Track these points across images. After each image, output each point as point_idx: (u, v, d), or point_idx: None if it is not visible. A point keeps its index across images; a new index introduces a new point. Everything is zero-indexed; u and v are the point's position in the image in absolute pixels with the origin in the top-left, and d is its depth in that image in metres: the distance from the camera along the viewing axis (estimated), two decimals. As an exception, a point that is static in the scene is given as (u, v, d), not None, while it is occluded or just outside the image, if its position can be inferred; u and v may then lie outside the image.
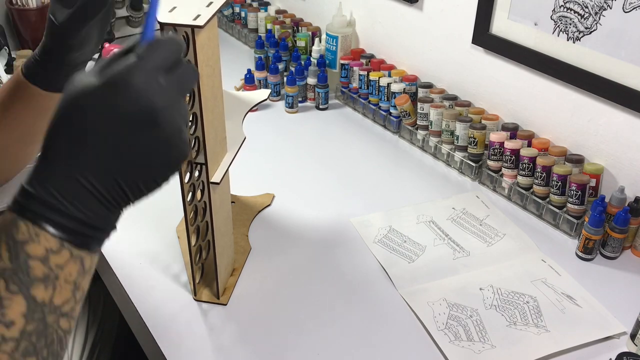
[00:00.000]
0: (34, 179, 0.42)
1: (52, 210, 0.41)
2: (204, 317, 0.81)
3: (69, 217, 0.41)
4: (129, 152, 0.42)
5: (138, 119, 0.42)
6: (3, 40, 1.46)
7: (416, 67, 1.27)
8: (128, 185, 0.43)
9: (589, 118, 0.98)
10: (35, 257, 0.40)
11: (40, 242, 0.41)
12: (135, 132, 0.42)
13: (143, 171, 0.43)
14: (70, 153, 0.41)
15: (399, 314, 0.82)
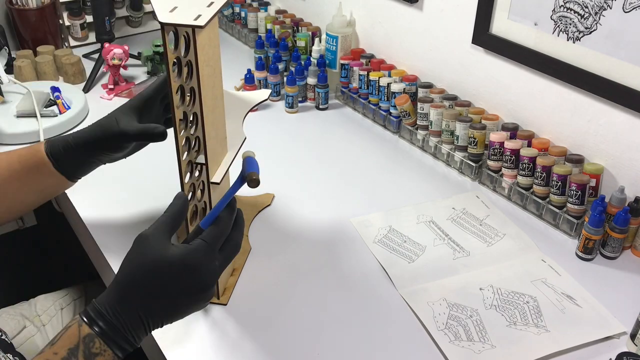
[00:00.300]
0: (111, 308, 0.60)
1: (119, 336, 0.60)
2: (204, 317, 0.81)
3: (126, 342, 0.61)
4: (182, 309, 0.64)
5: (196, 291, 0.63)
6: (3, 40, 1.46)
7: (416, 67, 1.27)
8: (166, 324, 0.64)
9: (589, 118, 0.98)
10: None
11: (105, 356, 0.60)
12: (191, 299, 0.63)
13: (181, 317, 0.65)
14: (143, 301, 0.61)
15: (399, 314, 0.82)
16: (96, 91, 1.39)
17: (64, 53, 1.41)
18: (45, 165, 0.80)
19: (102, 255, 0.90)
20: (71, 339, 0.59)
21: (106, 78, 1.43)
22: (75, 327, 0.60)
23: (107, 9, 1.46)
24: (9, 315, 1.00)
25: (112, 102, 1.35)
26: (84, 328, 0.59)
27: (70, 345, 0.58)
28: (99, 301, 0.61)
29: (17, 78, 1.36)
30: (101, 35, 1.46)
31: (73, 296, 1.05)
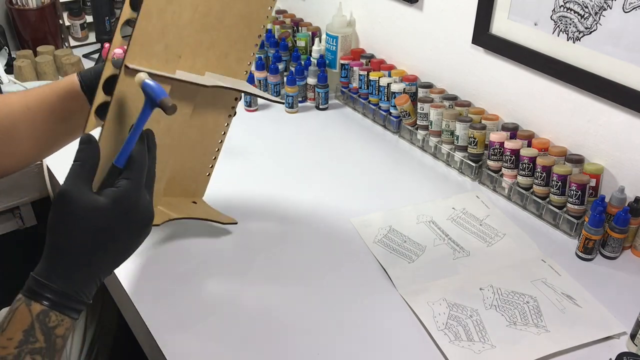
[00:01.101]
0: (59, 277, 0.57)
1: (71, 300, 0.58)
2: (204, 316, 0.81)
3: (80, 303, 0.59)
4: (128, 251, 0.63)
5: (140, 229, 0.62)
6: (3, 40, 1.46)
7: (416, 67, 1.27)
8: (117, 268, 0.63)
9: (589, 118, 0.98)
10: (59, 335, 0.57)
11: (63, 325, 0.58)
12: (135, 238, 0.62)
13: (128, 257, 0.63)
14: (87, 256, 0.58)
15: (399, 314, 0.82)
16: (96, 91, 1.39)
17: (64, 53, 1.41)
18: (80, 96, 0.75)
19: (102, 255, 0.90)
20: (23, 320, 0.56)
21: (106, 78, 1.42)
22: (23, 308, 0.57)
23: (107, 9, 1.46)
24: None
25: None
26: (34, 307, 0.57)
27: (24, 327, 0.56)
28: (39, 274, 0.58)
29: (17, 78, 1.36)
30: (101, 35, 1.46)
31: None
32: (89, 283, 0.59)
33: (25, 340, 0.55)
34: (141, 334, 0.83)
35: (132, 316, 0.84)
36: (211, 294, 0.85)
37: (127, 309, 0.85)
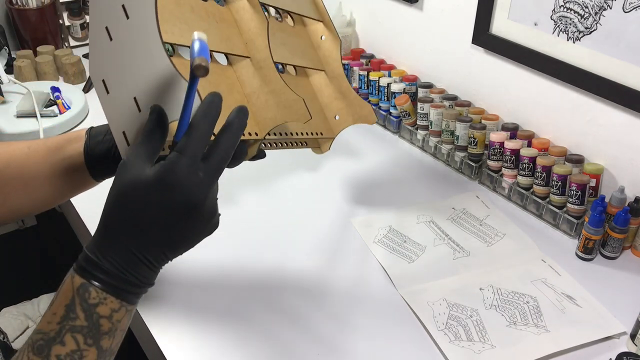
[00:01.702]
0: (99, 251, 0.53)
1: (116, 278, 0.53)
2: (205, 316, 0.81)
3: (128, 284, 0.53)
4: (175, 233, 0.54)
5: (184, 210, 0.53)
6: (3, 40, 1.46)
7: (416, 67, 1.27)
8: (172, 254, 0.56)
9: (589, 118, 0.98)
10: (103, 316, 0.52)
11: (107, 304, 0.52)
12: (181, 220, 0.54)
13: (185, 244, 0.56)
14: (129, 233, 0.53)
15: (399, 314, 0.82)
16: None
17: (64, 53, 1.41)
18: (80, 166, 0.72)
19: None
20: (66, 294, 0.52)
21: (106, 78, 1.43)
22: (68, 281, 0.53)
23: (107, 9, 1.46)
24: (12, 315, 1.00)
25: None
26: (76, 279, 0.52)
27: (67, 301, 0.52)
28: (88, 247, 0.54)
29: (17, 78, 1.36)
30: (101, 35, 1.46)
31: None
32: (132, 262, 0.53)
33: (67, 315, 0.51)
34: (141, 334, 0.83)
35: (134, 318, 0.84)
36: (211, 294, 0.85)
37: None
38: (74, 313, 0.51)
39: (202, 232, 0.57)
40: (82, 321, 0.51)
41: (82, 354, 0.50)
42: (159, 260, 0.55)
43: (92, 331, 0.51)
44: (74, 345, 0.50)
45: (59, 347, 0.50)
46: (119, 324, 0.53)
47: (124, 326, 0.54)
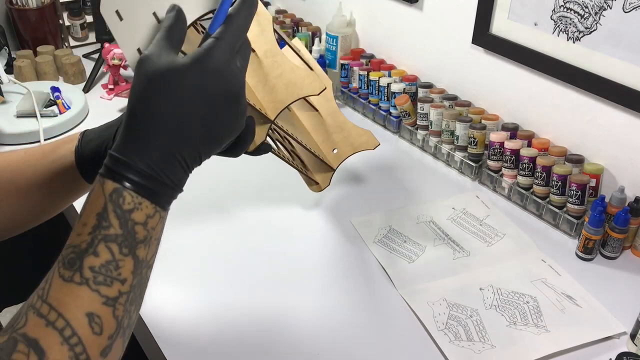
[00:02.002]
0: (130, 152, 0.47)
1: (151, 180, 0.48)
2: (205, 316, 0.81)
3: (163, 185, 0.48)
4: (212, 127, 0.50)
5: (223, 101, 0.49)
6: (3, 40, 1.46)
7: (416, 67, 1.27)
8: (205, 155, 0.51)
9: (589, 118, 0.98)
10: (139, 222, 0.47)
11: (142, 210, 0.47)
12: (219, 112, 0.50)
13: (218, 141, 0.52)
14: (162, 129, 0.48)
15: (399, 314, 0.82)
16: (96, 91, 1.39)
17: (64, 53, 1.41)
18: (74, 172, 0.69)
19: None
20: (96, 202, 0.47)
21: (106, 78, 1.43)
22: (97, 188, 0.48)
23: (107, 9, 1.46)
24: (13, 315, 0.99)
25: (112, 102, 1.35)
26: (107, 185, 0.47)
27: (98, 210, 0.47)
28: (115, 149, 0.49)
29: (17, 78, 1.36)
30: (101, 35, 1.46)
31: None
32: (168, 161, 0.49)
33: (99, 224, 0.46)
34: (141, 334, 0.83)
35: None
36: (211, 293, 0.85)
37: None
38: (107, 221, 0.46)
39: (235, 129, 0.53)
40: (117, 229, 0.46)
41: (117, 264, 0.46)
42: (193, 159, 0.51)
43: (128, 240, 0.47)
44: (108, 256, 0.45)
45: (92, 258, 0.45)
46: (154, 231, 0.49)
47: (157, 234, 0.50)
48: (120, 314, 0.46)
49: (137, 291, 0.48)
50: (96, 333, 0.44)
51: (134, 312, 0.48)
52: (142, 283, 0.48)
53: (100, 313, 0.44)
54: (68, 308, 0.44)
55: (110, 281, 0.45)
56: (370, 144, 0.93)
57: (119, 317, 0.46)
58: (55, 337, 0.43)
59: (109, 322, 0.45)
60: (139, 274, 0.47)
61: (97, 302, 0.45)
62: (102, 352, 0.44)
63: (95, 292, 0.45)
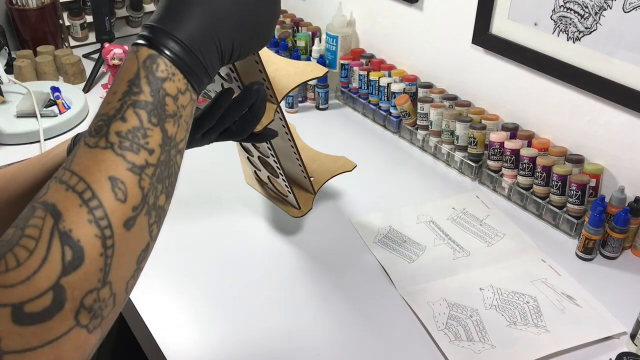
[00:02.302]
0: (170, 21, 0.46)
1: (188, 54, 0.46)
2: (205, 316, 0.81)
3: (198, 63, 0.47)
4: (249, 14, 0.50)
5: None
6: (3, 40, 1.45)
7: (416, 67, 1.27)
8: (238, 47, 0.51)
9: (589, 118, 0.98)
10: (170, 94, 0.45)
11: (174, 82, 0.45)
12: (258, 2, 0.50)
13: (252, 33, 0.51)
14: (203, 8, 0.47)
15: (399, 314, 0.82)
16: (96, 91, 1.39)
17: (64, 53, 1.41)
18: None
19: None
20: (129, 69, 0.45)
21: (106, 78, 1.43)
22: (131, 57, 0.46)
23: (107, 9, 1.46)
24: None
25: (112, 102, 1.34)
26: (141, 52, 0.45)
27: (130, 77, 0.45)
28: (150, 21, 0.47)
29: (17, 78, 1.36)
30: (101, 35, 1.46)
31: None
32: (206, 39, 0.48)
33: (129, 90, 0.44)
34: (142, 335, 0.83)
35: (133, 317, 0.84)
36: (211, 293, 0.85)
37: (128, 309, 0.85)
38: (138, 87, 0.44)
39: (273, 19, 0.53)
40: (147, 96, 0.44)
41: (145, 132, 0.43)
42: (227, 46, 0.49)
43: (157, 109, 0.44)
44: (136, 122, 0.43)
45: (120, 123, 0.43)
46: (184, 110, 0.46)
47: (187, 117, 0.47)
48: (146, 185, 0.43)
49: (165, 171, 0.45)
50: (119, 200, 0.41)
51: (161, 196, 0.45)
52: (170, 165, 0.46)
53: (124, 179, 0.42)
54: (90, 172, 0.41)
55: (137, 148, 0.43)
56: (347, 166, 0.96)
57: (144, 189, 0.43)
58: (74, 200, 0.40)
59: (133, 191, 0.42)
60: (167, 150, 0.45)
61: (121, 167, 0.42)
62: (125, 222, 0.41)
63: (120, 156, 0.42)
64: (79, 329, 0.39)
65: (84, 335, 0.39)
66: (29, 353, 0.37)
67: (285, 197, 0.89)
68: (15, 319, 0.37)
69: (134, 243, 0.42)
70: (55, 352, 0.38)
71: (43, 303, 0.37)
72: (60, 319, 0.38)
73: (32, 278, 0.37)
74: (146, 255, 0.45)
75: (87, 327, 0.39)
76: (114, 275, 0.41)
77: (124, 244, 0.41)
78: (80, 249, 0.39)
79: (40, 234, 0.38)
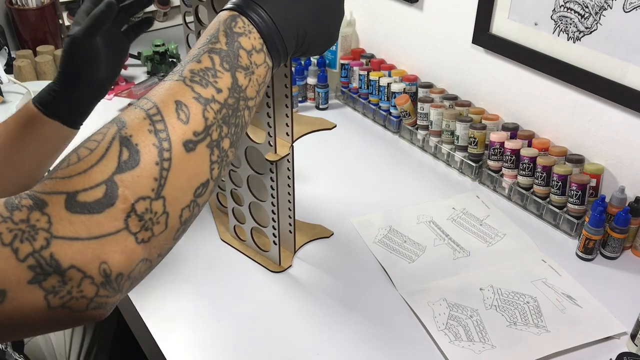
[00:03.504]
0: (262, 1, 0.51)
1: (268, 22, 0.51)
2: (204, 317, 0.80)
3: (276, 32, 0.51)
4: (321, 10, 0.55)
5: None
6: (3, 40, 1.45)
7: (416, 67, 1.27)
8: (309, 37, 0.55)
9: (589, 118, 0.98)
10: (244, 48, 0.49)
11: (250, 38, 0.50)
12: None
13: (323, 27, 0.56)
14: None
15: (399, 314, 0.82)
16: (96, 91, 1.39)
17: (63, 53, 1.41)
18: (36, 116, 0.74)
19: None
20: (212, 27, 0.50)
21: (106, 78, 1.42)
22: (215, 19, 0.51)
23: (107, 9, 1.46)
24: None
25: (111, 102, 1.35)
26: (224, 14, 0.51)
27: (211, 32, 0.50)
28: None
29: (17, 78, 1.36)
30: (101, 35, 1.46)
31: None
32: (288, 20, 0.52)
33: (208, 41, 0.49)
34: (141, 334, 0.83)
35: (132, 316, 0.84)
36: (211, 294, 0.84)
37: (127, 308, 0.85)
38: (216, 38, 0.49)
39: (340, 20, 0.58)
40: (222, 45, 0.48)
41: (216, 73, 0.47)
42: (303, 34, 0.54)
43: (230, 57, 0.48)
44: (209, 63, 0.47)
45: (194, 64, 0.47)
46: (257, 68, 0.50)
47: (260, 77, 0.51)
48: (210, 117, 0.45)
49: (233, 117, 0.47)
50: (181, 120, 0.44)
51: (225, 139, 0.47)
52: (238, 115, 0.48)
53: (189, 104, 0.44)
54: (159, 96, 0.45)
55: (205, 83, 0.46)
56: (325, 232, 0.96)
57: (207, 120, 0.45)
58: (140, 114, 0.43)
59: (196, 117, 0.44)
60: (235, 97, 0.48)
61: (188, 95, 0.45)
62: (184, 143, 0.43)
63: (188, 87, 0.45)
64: (127, 234, 0.40)
65: (131, 242, 0.40)
66: (76, 242, 0.38)
67: (265, 252, 0.89)
68: (67, 206, 0.38)
69: (193, 169, 0.44)
70: (101, 248, 0.39)
71: (95, 194, 0.39)
72: (110, 215, 0.39)
73: (88, 171, 0.40)
74: (204, 192, 0.46)
75: (136, 236, 0.40)
76: (168, 191, 0.42)
77: (181, 164, 0.43)
78: (137, 152, 0.41)
79: (104, 138, 0.41)
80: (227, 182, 0.88)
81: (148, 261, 0.43)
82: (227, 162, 0.48)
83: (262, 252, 0.89)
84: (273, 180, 0.80)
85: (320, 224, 0.97)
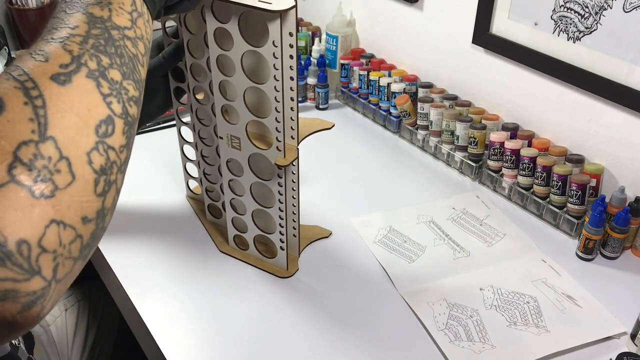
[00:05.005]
0: None
1: None
2: (205, 317, 0.81)
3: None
4: None
5: None
6: (3, 40, 1.45)
7: (416, 67, 1.27)
8: None
9: (589, 118, 0.98)
10: None
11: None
12: None
13: None
14: None
15: (399, 314, 0.82)
16: (96, 91, 1.39)
17: (64, 53, 1.41)
18: None
19: (102, 255, 0.90)
20: None
21: (106, 78, 1.42)
22: None
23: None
24: None
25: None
26: None
27: None
28: None
29: (17, 78, 1.36)
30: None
31: (77, 297, 1.05)
32: None
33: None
34: (142, 336, 0.83)
35: (133, 318, 0.84)
36: (211, 294, 0.84)
37: (128, 310, 0.85)
38: None
39: None
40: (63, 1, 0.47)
41: (64, 18, 0.45)
42: None
43: (73, 2, 0.46)
44: (55, 19, 0.45)
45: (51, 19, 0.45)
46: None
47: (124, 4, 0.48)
48: (74, 48, 0.42)
49: (108, 47, 0.44)
50: (40, 60, 0.41)
51: (111, 70, 0.44)
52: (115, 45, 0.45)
53: (44, 47, 0.42)
54: (20, 55, 0.42)
55: (56, 29, 0.44)
56: (324, 233, 0.96)
57: (73, 52, 0.42)
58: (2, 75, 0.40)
59: (57, 52, 0.41)
60: (99, 27, 0.45)
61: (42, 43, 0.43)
62: (53, 76, 0.40)
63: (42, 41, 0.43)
64: (17, 187, 0.34)
65: (25, 196, 0.35)
66: None
67: (270, 258, 0.88)
68: None
69: (79, 102, 0.40)
70: None
71: None
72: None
73: None
74: (110, 130, 0.42)
75: (31, 189, 0.35)
76: (56, 131, 0.38)
77: (60, 99, 0.39)
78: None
79: None
80: (227, 192, 0.86)
81: (68, 227, 0.37)
82: (129, 96, 0.45)
83: (267, 258, 0.88)
84: (281, 186, 0.79)
85: (318, 225, 0.97)
